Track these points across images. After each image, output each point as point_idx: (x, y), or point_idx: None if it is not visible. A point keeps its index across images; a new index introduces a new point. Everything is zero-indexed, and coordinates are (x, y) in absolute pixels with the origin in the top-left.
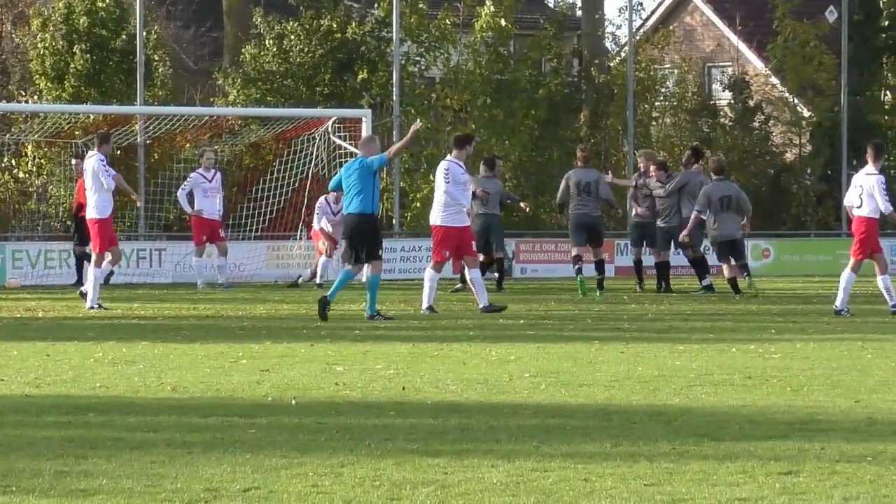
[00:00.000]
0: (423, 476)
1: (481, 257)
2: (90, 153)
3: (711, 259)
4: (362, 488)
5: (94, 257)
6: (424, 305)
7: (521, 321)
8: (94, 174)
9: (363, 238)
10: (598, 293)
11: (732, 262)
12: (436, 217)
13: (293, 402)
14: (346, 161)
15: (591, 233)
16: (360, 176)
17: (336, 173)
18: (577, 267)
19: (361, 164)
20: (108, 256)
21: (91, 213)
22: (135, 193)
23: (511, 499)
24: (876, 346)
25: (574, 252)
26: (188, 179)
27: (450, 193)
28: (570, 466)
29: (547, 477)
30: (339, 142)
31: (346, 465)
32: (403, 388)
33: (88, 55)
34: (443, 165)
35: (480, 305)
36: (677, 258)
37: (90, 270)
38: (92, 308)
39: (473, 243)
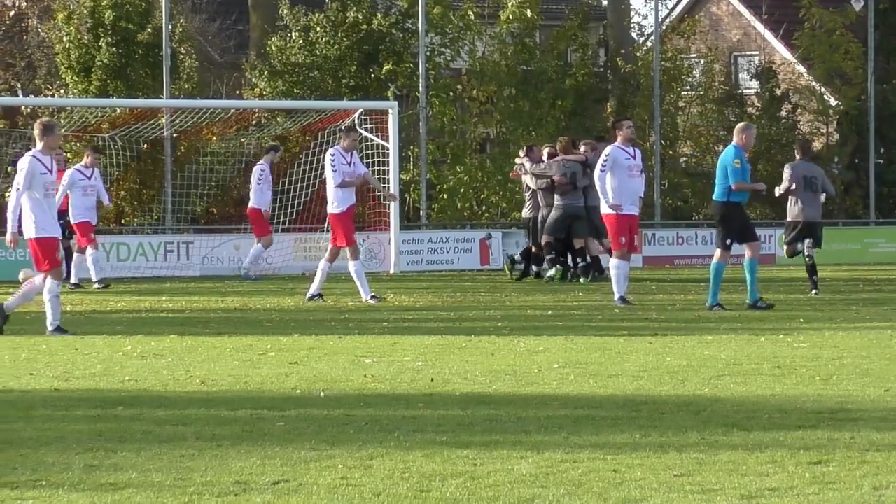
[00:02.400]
0: (453, 468)
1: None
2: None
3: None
4: (391, 480)
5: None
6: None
7: (549, 312)
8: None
9: None
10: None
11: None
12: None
13: (322, 394)
14: (372, 152)
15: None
16: None
17: (364, 165)
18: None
19: None
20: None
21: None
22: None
23: (540, 490)
24: None
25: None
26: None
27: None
28: (600, 457)
29: (576, 468)
30: (365, 134)
31: (375, 457)
32: (432, 380)
33: (114, 48)
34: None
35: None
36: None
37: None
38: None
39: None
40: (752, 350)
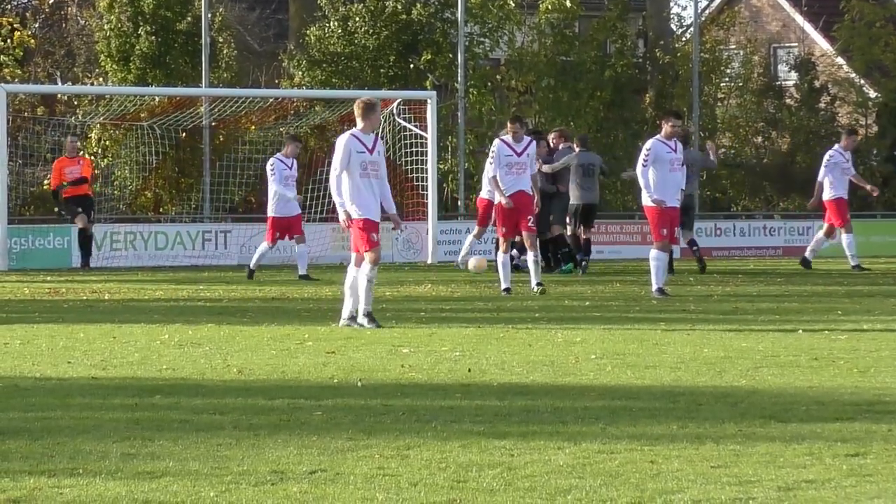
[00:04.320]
0: (490, 458)
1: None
2: None
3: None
4: (428, 470)
5: None
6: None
7: (587, 303)
8: None
9: None
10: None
11: None
12: None
13: (359, 384)
14: (411, 142)
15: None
16: None
17: (401, 155)
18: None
19: None
20: None
21: None
22: None
23: (577, 481)
24: None
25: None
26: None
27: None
28: (637, 448)
29: (613, 459)
30: (404, 123)
31: (412, 447)
32: (469, 370)
33: (154, 37)
34: None
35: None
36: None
37: None
38: None
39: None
40: (789, 342)
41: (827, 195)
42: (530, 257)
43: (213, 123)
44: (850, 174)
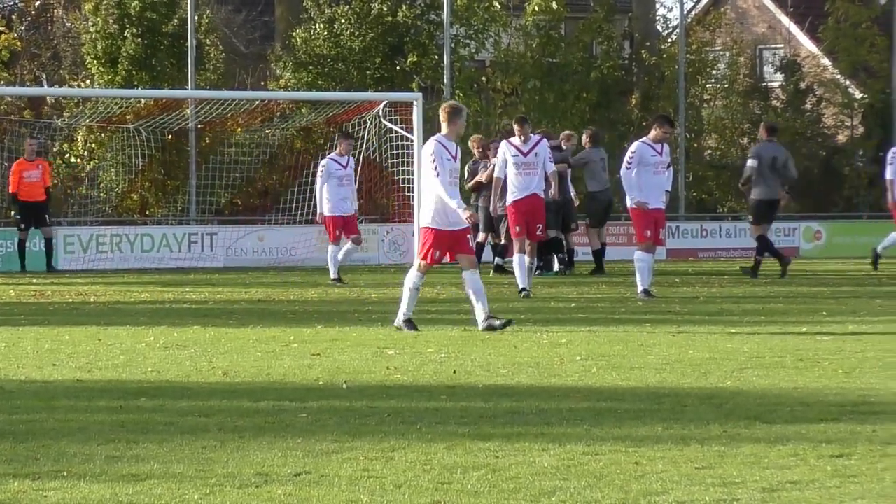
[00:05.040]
0: (474, 460)
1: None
2: None
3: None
4: (413, 472)
5: None
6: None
7: (573, 304)
8: None
9: None
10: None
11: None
12: None
13: (344, 386)
14: (398, 144)
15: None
16: None
17: (387, 157)
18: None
19: None
20: None
21: None
22: None
23: (562, 482)
24: None
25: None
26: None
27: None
28: (622, 450)
29: (598, 460)
30: (390, 125)
31: (396, 449)
32: (454, 372)
33: (140, 39)
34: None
35: None
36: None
37: None
38: None
39: None
40: (774, 343)
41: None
42: (525, 261)
43: (200, 125)
44: None
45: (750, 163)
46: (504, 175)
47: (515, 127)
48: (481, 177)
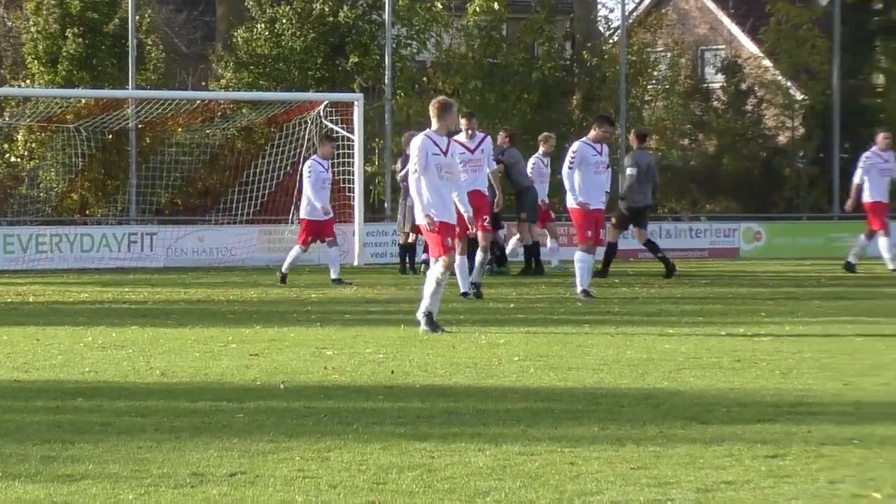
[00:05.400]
0: (410, 460)
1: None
2: None
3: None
4: (348, 472)
5: None
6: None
7: (512, 305)
8: None
9: None
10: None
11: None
12: None
13: (282, 386)
14: (338, 144)
15: None
16: None
17: None
18: None
19: None
20: None
21: None
22: None
23: (497, 482)
24: (866, 329)
25: None
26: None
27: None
28: (557, 450)
29: (533, 461)
30: (330, 125)
31: (332, 449)
32: (392, 372)
33: (81, 39)
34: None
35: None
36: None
37: None
38: None
39: None
40: (712, 344)
41: (866, 198)
42: (478, 258)
43: (140, 125)
44: (889, 175)
45: (630, 171)
46: None
47: (463, 122)
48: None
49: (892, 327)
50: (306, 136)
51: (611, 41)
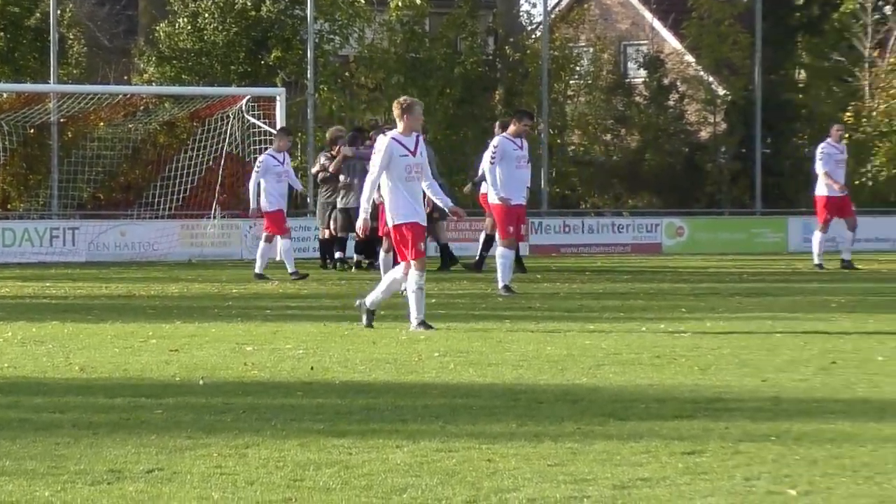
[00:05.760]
0: (328, 457)
1: None
2: None
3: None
4: (266, 469)
5: None
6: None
7: (433, 300)
8: None
9: None
10: None
11: None
12: None
13: (201, 382)
14: (261, 139)
15: None
16: None
17: (250, 151)
18: None
19: None
20: None
21: None
22: None
23: (414, 479)
24: (786, 325)
25: None
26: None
27: None
28: (475, 447)
29: (451, 457)
30: (252, 120)
31: (250, 445)
32: (312, 368)
33: (2, 33)
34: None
35: None
36: None
37: None
38: None
39: None
40: (632, 340)
41: (819, 190)
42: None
43: (62, 120)
44: (844, 166)
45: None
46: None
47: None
48: (329, 165)
49: (811, 323)
50: (228, 131)
51: (533, 36)
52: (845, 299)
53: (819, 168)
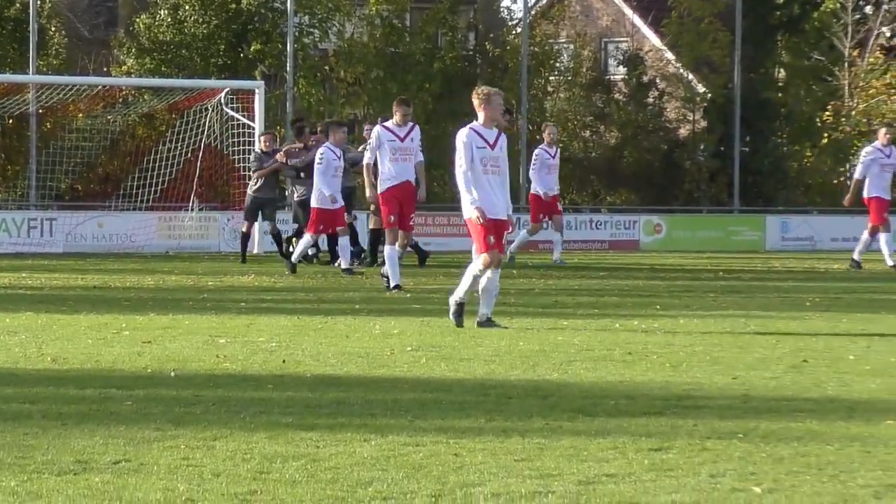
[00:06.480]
0: (295, 450)
1: None
2: None
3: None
4: (233, 461)
5: None
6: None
7: (409, 295)
8: None
9: None
10: None
11: None
12: None
13: (172, 374)
14: (239, 132)
15: None
16: None
17: (228, 144)
18: None
19: None
20: None
21: None
22: None
23: (381, 473)
24: (759, 323)
25: None
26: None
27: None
28: (443, 441)
29: (418, 451)
30: (231, 113)
31: (219, 437)
32: (284, 361)
33: None
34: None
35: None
36: None
37: None
38: None
39: None
40: (605, 336)
41: (867, 193)
42: (397, 253)
43: (41, 111)
44: (891, 171)
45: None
46: (374, 161)
47: (400, 109)
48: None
49: (784, 322)
50: (207, 124)
51: (514, 32)
52: (820, 298)
53: (857, 174)
